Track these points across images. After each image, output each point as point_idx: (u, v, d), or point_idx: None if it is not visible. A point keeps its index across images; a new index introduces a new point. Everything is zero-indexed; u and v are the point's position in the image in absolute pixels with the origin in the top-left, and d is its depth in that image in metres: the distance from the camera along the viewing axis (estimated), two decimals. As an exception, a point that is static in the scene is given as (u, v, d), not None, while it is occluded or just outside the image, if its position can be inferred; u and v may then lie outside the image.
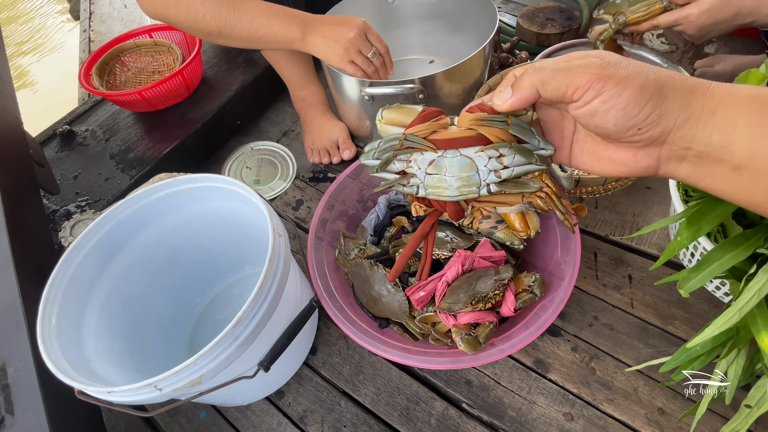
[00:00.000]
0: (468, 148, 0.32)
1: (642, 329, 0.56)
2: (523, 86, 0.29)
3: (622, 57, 0.28)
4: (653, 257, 0.62)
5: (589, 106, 0.28)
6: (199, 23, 0.65)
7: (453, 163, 0.32)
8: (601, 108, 0.27)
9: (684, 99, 0.26)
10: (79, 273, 0.48)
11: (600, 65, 0.27)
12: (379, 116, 0.34)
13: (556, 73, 0.28)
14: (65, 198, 0.81)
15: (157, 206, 0.53)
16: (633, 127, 0.27)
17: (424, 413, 0.54)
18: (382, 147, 0.33)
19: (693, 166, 0.28)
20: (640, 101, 0.26)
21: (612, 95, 0.26)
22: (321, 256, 0.58)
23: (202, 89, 0.96)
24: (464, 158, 0.32)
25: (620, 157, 0.30)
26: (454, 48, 0.91)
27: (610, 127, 0.28)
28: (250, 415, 0.57)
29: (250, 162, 0.89)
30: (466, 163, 0.32)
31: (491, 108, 0.31)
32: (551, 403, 0.52)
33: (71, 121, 0.95)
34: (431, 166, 0.32)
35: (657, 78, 0.27)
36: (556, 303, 0.47)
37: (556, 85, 0.28)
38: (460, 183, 0.32)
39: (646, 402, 0.50)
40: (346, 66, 0.67)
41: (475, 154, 0.31)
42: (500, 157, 0.31)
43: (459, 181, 0.32)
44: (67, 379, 0.38)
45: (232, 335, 0.39)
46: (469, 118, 0.31)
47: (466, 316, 0.48)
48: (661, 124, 0.27)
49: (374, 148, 0.34)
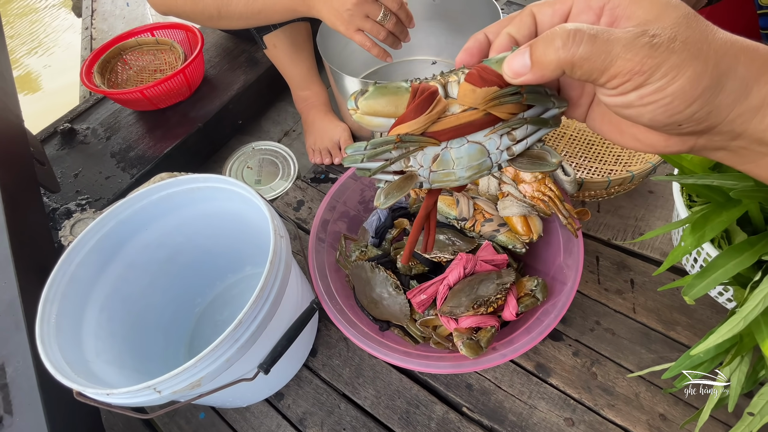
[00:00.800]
0: (476, 133, 0.26)
1: (644, 334, 0.55)
2: (547, 63, 0.22)
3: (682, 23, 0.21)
4: (656, 262, 0.62)
5: (624, 98, 0.22)
6: (197, 5, 0.63)
7: (461, 154, 0.27)
8: (638, 102, 0.22)
9: (744, 89, 0.21)
10: (79, 273, 0.48)
11: (650, 46, 0.20)
12: (352, 105, 0.26)
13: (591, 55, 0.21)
14: (65, 196, 0.81)
15: (158, 206, 0.53)
16: (672, 124, 0.22)
17: (424, 417, 0.53)
18: (372, 151, 0.27)
19: (733, 154, 0.24)
20: (688, 97, 0.21)
21: (655, 90, 0.21)
22: (322, 258, 0.58)
23: (204, 88, 0.95)
24: (473, 145, 0.27)
25: (648, 138, 0.25)
26: (457, 49, 0.90)
27: (644, 121, 0.23)
28: (249, 416, 0.57)
29: (251, 162, 0.88)
30: (475, 150, 0.27)
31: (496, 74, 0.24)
32: (552, 408, 0.52)
33: (72, 119, 0.95)
34: (436, 162, 0.27)
35: (718, 62, 0.21)
36: (559, 308, 0.47)
37: (588, 69, 0.21)
38: (471, 172, 0.28)
39: (648, 408, 0.50)
40: (353, 36, 0.59)
41: (485, 137, 0.27)
42: (512, 131, 0.27)
43: (469, 170, 0.28)
44: (66, 380, 0.38)
45: (233, 338, 0.39)
46: (476, 97, 0.25)
47: (467, 320, 0.48)
48: (707, 121, 0.22)
49: (360, 152, 0.27)
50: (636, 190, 0.69)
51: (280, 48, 0.79)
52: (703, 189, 0.44)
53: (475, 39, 0.27)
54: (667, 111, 0.21)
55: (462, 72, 0.26)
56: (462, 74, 0.26)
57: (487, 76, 0.25)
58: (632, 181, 0.62)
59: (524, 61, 0.23)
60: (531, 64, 0.22)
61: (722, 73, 0.21)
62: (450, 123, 0.26)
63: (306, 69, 0.83)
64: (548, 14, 0.24)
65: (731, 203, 0.42)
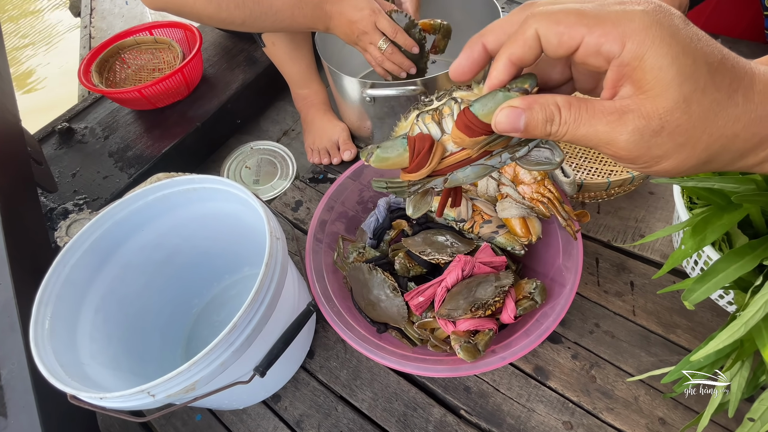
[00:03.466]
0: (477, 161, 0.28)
1: (644, 337, 0.55)
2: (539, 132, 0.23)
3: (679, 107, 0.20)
4: (656, 264, 0.61)
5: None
6: (221, 13, 0.63)
7: (467, 173, 0.29)
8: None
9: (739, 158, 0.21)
10: (74, 274, 0.48)
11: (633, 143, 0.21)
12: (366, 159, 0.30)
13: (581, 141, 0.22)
14: (63, 196, 0.80)
15: (154, 207, 0.53)
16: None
17: (422, 420, 0.53)
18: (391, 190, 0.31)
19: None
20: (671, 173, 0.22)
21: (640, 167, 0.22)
22: (319, 259, 0.58)
23: (203, 87, 0.95)
24: (476, 166, 0.29)
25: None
26: (457, 49, 0.89)
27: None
28: (246, 418, 0.57)
29: (249, 162, 0.88)
30: (479, 168, 0.29)
31: (484, 126, 0.25)
32: (551, 411, 0.51)
33: (70, 118, 0.95)
34: (447, 182, 0.30)
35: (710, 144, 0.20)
36: (558, 311, 0.46)
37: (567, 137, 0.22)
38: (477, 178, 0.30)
39: (647, 412, 0.50)
40: (365, 55, 0.68)
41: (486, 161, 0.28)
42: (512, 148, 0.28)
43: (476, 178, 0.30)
44: (60, 384, 0.38)
45: (227, 341, 0.38)
46: (468, 143, 0.26)
47: (465, 323, 0.48)
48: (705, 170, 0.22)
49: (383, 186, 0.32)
50: (636, 192, 0.68)
51: (279, 46, 0.78)
52: (703, 192, 0.44)
53: (471, 53, 0.26)
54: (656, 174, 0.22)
55: (456, 102, 0.27)
56: (456, 105, 0.27)
57: (474, 127, 0.25)
58: (632, 183, 0.61)
59: (518, 125, 0.23)
60: (523, 128, 0.23)
61: (712, 155, 0.21)
62: (450, 162, 0.28)
63: (305, 67, 0.83)
64: (554, 44, 0.22)
65: (732, 206, 0.41)
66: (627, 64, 0.20)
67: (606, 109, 0.21)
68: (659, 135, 0.20)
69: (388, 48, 0.65)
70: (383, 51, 0.65)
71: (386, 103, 0.73)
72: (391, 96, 0.69)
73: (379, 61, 0.66)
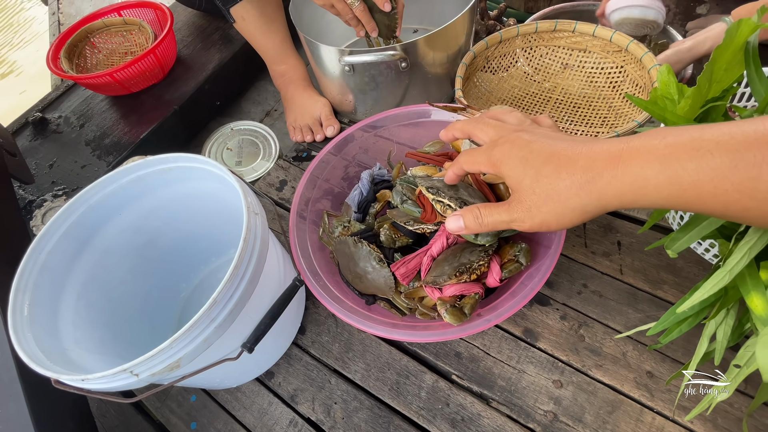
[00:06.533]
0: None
1: (631, 295, 0.55)
2: (472, 230, 0.40)
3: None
4: (642, 222, 0.61)
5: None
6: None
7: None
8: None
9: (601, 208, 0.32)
10: (51, 261, 0.47)
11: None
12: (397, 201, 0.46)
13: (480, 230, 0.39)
14: (41, 188, 0.79)
15: (129, 189, 0.51)
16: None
17: (414, 386, 0.53)
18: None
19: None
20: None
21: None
22: (304, 236, 0.57)
23: (178, 69, 0.92)
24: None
25: None
26: (438, 16, 0.87)
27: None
28: (241, 396, 0.57)
29: (230, 143, 0.86)
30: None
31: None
32: (540, 371, 0.52)
33: (44, 108, 0.92)
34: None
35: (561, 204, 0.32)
36: (543, 271, 0.46)
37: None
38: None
39: (635, 366, 0.50)
40: (331, 11, 0.64)
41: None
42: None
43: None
44: (41, 368, 0.37)
45: (208, 317, 0.38)
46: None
47: (451, 288, 0.47)
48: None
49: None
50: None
51: (249, 20, 0.76)
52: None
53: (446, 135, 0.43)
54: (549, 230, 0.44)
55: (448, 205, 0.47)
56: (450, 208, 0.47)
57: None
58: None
59: (459, 225, 0.39)
60: (464, 227, 0.39)
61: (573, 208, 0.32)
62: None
63: (279, 41, 0.80)
64: (471, 170, 0.40)
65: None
66: (501, 175, 0.36)
67: (503, 205, 0.36)
68: (531, 209, 0.33)
69: (359, 6, 0.63)
70: (354, 8, 0.63)
71: (366, 72, 0.71)
72: (371, 63, 0.67)
73: (344, 12, 0.64)
